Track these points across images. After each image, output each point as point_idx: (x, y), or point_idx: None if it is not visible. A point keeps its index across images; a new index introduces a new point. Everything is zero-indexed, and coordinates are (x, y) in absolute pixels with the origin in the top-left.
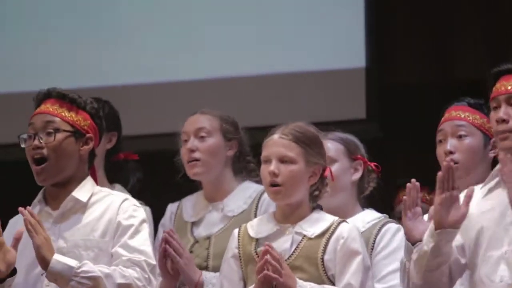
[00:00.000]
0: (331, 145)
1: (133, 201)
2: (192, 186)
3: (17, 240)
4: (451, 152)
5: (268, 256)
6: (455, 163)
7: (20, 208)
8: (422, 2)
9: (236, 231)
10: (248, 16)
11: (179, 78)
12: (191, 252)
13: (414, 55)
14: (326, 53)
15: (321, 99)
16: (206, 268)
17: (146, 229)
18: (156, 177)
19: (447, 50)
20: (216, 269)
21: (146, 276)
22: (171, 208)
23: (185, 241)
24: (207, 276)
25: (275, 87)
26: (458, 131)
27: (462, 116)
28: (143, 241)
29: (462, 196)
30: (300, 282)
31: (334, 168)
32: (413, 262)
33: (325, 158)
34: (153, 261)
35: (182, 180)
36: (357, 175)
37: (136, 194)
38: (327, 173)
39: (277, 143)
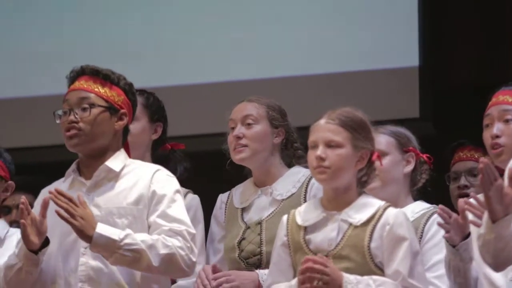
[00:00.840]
0: (382, 139)
1: (165, 171)
2: (240, 177)
3: (44, 208)
4: (497, 136)
5: (309, 264)
6: (501, 146)
7: (50, 190)
8: (477, 2)
9: (285, 218)
10: (301, 16)
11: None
12: (243, 239)
13: (468, 54)
14: (380, 52)
15: (375, 98)
16: (260, 253)
17: (181, 199)
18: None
19: (501, 50)
20: (269, 254)
21: (188, 245)
22: (222, 198)
23: (236, 226)
24: (264, 277)
25: (330, 86)
26: (505, 115)
27: (510, 100)
28: (180, 210)
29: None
30: (346, 277)
31: (386, 161)
32: (478, 248)
33: (373, 142)
34: (193, 230)
35: (230, 170)
36: (409, 168)
37: (184, 183)
38: (375, 157)
39: (323, 128)
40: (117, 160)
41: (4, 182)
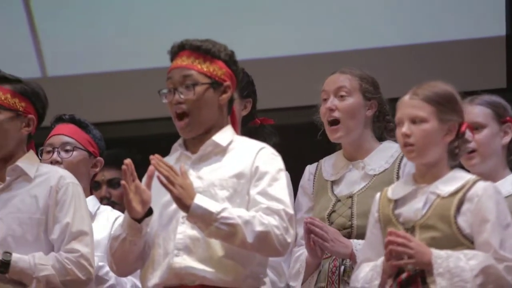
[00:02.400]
0: (479, 110)
1: (271, 149)
2: (330, 147)
3: (150, 178)
4: None
5: (392, 237)
6: None
7: (151, 156)
8: None
9: (378, 194)
10: None
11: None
12: (333, 211)
13: None
14: (466, 22)
15: (461, 68)
16: (350, 227)
17: (284, 178)
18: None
19: None
20: (360, 228)
21: (285, 225)
22: (310, 169)
23: (326, 199)
24: (358, 247)
25: (416, 58)
26: None
27: None
28: (281, 189)
29: None
30: (435, 252)
31: (484, 133)
32: None
33: (462, 114)
34: (291, 211)
35: (321, 139)
36: (507, 139)
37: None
38: (464, 129)
39: (407, 104)
40: (224, 135)
41: (93, 158)
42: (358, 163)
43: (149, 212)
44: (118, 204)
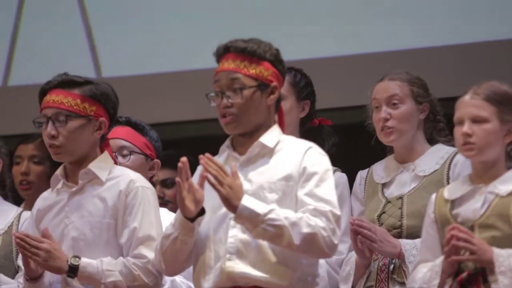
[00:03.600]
0: None
1: (318, 148)
2: (383, 151)
3: (202, 178)
4: None
5: (454, 231)
6: None
7: (200, 156)
8: None
9: (433, 196)
10: None
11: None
12: (383, 212)
13: None
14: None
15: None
16: (400, 227)
17: (331, 178)
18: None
19: None
20: (410, 228)
21: (332, 226)
22: (361, 174)
23: (376, 201)
24: (407, 247)
25: (471, 57)
26: None
27: None
28: (328, 190)
29: None
30: (497, 250)
31: None
32: None
33: None
34: (338, 212)
35: (375, 144)
36: None
37: (332, 159)
38: None
39: (468, 104)
40: (271, 136)
41: (150, 161)
42: (408, 165)
43: (202, 211)
44: (171, 203)
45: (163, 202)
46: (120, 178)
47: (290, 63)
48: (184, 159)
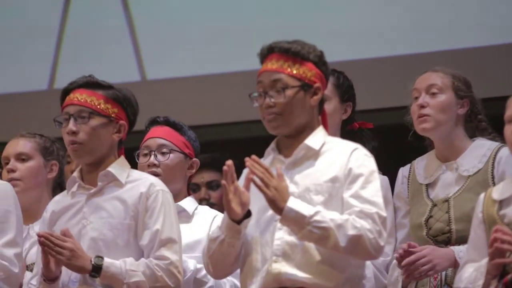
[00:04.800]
0: None
1: (364, 150)
2: (421, 148)
3: (248, 180)
4: None
5: (498, 234)
6: None
7: (246, 158)
8: None
9: (482, 196)
10: None
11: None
12: (430, 217)
13: None
14: None
15: None
16: (449, 231)
17: (377, 180)
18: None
19: None
20: (460, 232)
21: (378, 228)
22: (403, 171)
23: (422, 204)
24: (460, 254)
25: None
26: None
27: None
28: (374, 192)
29: None
30: None
31: None
32: None
33: None
34: (384, 213)
35: (412, 140)
36: None
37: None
38: None
39: None
40: (316, 138)
41: (189, 160)
42: (451, 164)
43: (248, 214)
44: (217, 205)
45: (209, 204)
46: (140, 181)
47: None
48: (229, 162)
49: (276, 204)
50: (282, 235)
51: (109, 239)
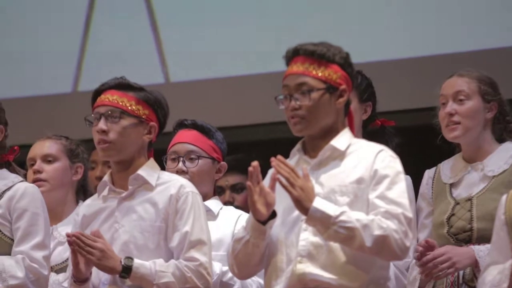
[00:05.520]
0: None
1: (389, 151)
2: (450, 150)
3: (273, 180)
4: None
5: None
6: None
7: (272, 158)
8: None
9: (504, 197)
10: None
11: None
12: (452, 214)
13: None
14: None
15: None
16: (470, 230)
17: (403, 181)
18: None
19: None
20: (481, 231)
21: (404, 229)
22: (428, 173)
23: (445, 202)
24: (480, 254)
25: None
26: None
27: None
28: (400, 193)
29: None
30: None
31: None
32: None
33: None
34: (410, 214)
35: (441, 143)
36: None
37: None
38: None
39: None
40: (342, 139)
41: (217, 164)
42: (477, 165)
43: (273, 214)
44: (241, 208)
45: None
46: (170, 183)
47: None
48: (255, 163)
49: (302, 204)
50: (307, 236)
51: (140, 242)
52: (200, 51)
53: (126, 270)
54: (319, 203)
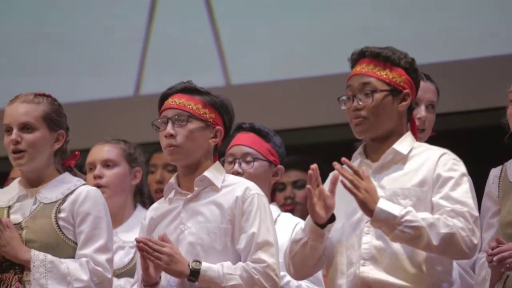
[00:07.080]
0: None
1: (452, 155)
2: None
3: (333, 184)
4: None
5: None
6: None
7: (335, 163)
8: None
9: None
10: None
11: None
12: None
13: None
14: None
15: None
16: None
17: (467, 183)
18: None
19: None
20: None
21: (470, 226)
22: (494, 172)
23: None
24: None
25: None
26: None
27: None
28: (464, 193)
29: None
30: None
31: None
32: None
33: None
34: (476, 213)
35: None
36: None
37: None
38: None
39: None
40: (405, 143)
41: (274, 167)
42: None
43: (332, 218)
44: (301, 204)
45: (293, 203)
46: (235, 185)
47: None
48: (314, 165)
49: (367, 206)
50: (370, 239)
51: (207, 243)
52: (261, 52)
53: (194, 274)
54: (384, 204)
